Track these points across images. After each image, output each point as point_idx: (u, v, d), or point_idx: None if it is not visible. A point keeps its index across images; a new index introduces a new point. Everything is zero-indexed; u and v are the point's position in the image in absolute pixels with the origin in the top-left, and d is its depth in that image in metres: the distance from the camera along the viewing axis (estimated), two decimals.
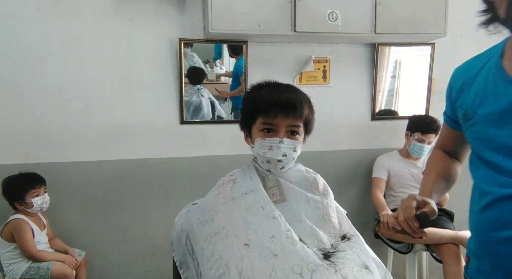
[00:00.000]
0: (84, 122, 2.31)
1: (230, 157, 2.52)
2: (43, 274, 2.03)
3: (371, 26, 2.33)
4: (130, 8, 2.30)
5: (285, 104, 1.05)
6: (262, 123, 1.08)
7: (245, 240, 0.97)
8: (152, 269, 2.51)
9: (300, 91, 1.12)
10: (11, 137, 2.22)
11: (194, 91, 2.44)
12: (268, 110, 1.05)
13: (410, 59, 2.70)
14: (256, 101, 1.10)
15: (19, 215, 2.06)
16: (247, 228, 0.99)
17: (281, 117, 1.05)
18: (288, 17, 2.23)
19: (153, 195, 2.46)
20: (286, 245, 0.94)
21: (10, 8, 2.15)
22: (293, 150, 1.08)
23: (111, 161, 2.37)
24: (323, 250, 1.00)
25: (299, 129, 1.09)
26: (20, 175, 2.08)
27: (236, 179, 1.12)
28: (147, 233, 2.48)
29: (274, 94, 1.07)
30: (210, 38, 2.36)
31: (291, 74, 2.55)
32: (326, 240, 1.03)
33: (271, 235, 0.96)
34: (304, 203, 1.07)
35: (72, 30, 2.24)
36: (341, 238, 1.06)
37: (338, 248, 1.02)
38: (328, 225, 1.07)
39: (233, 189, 1.09)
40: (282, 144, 1.05)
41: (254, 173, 1.11)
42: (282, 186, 1.09)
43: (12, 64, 2.18)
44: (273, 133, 1.07)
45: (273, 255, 0.93)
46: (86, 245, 2.34)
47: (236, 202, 1.05)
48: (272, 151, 1.06)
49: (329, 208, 1.10)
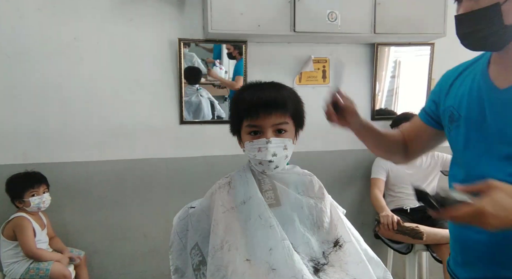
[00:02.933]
0: (84, 122, 2.31)
1: (229, 157, 2.52)
2: (43, 275, 2.04)
3: (370, 26, 2.33)
4: (130, 8, 2.30)
5: (266, 103, 1.03)
6: (247, 126, 1.06)
7: (246, 255, 0.98)
8: (152, 269, 2.51)
9: (283, 87, 1.10)
10: (11, 137, 2.23)
11: (193, 91, 2.45)
12: (250, 111, 1.04)
13: (409, 59, 2.70)
14: (239, 104, 1.08)
15: (21, 213, 2.08)
16: (247, 242, 1.00)
17: (263, 117, 1.03)
18: (287, 17, 2.23)
19: (153, 195, 2.46)
20: (284, 257, 0.95)
21: (10, 8, 2.16)
22: (283, 148, 1.06)
23: (111, 161, 2.37)
24: (314, 260, 1.00)
25: (286, 125, 1.06)
26: (22, 174, 2.11)
27: (232, 182, 1.11)
28: (147, 233, 2.48)
29: (254, 94, 1.05)
30: (210, 38, 2.36)
31: (291, 74, 2.55)
32: (317, 248, 1.03)
33: (269, 248, 0.97)
34: (298, 209, 1.06)
35: (72, 30, 2.24)
36: (333, 243, 1.05)
37: (328, 259, 1.01)
38: (321, 231, 1.06)
39: (231, 195, 1.09)
40: (270, 144, 1.03)
41: (250, 176, 1.10)
42: (278, 189, 1.08)
43: (12, 64, 2.19)
44: (260, 135, 1.05)
45: (271, 270, 0.94)
46: (86, 245, 2.35)
47: (236, 212, 1.05)
48: (261, 152, 1.04)
49: (323, 213, 1.08)
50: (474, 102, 0.92)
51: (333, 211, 1.11)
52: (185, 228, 1.15)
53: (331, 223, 1.08)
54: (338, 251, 1.03)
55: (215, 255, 1.01)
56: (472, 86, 0.94)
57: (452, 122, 0.98)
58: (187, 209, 1.19)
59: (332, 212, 1.11)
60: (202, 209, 1.13)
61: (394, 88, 2.71)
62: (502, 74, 0.89)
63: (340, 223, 1.09)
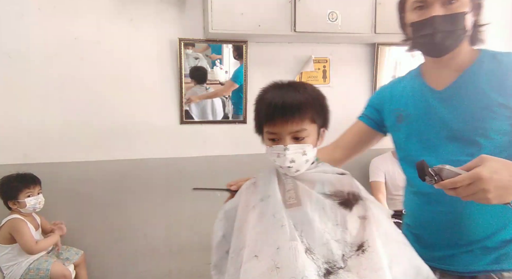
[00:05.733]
0: (84, 122, 2.31)
1: (230, 157, 2.53)
2: (43, 275, 2.03)
3: (371, 26, 2.33)
4: (130, 8, 2.30)
5: (283, 111, 1.01)
6: (266, 132, 1.06)
7: (255, 251, 0.98)
8: (152, 269, 2.51)
9: (304, 88, 1.07)
10: (11, 137, 2.23)
11: (203, 90, 2.44)
12: (268, 118, 1.03)
13: (410, 59, 2.70)
14: (259, 108, 1.08)
15: (15, 215, 2.06)
16: (258, 238, 1.00)
17: (280, 125, 1.02)
18: (288, 17, 2.23)
19: (153, 195, 2.46)
20: (288, 257, 0.94)
21: (10, 8, 2.16)
22: (301, 154, 1.04)
23: (111, 161, 2.37)
24: (330, 262, 0.97)
25: (305, 132, 1.04)
26: (16, 175, 2.09)
27: (256, 182, 1.13)
28: (147, 233, 2.48)
29: (272, 100, 1.03)
30: (210, 38, 2.36)
31: (291, 74, 2.55)
32: (337, 250, 0.98)
33: (277, 246, 0.96)
34: (318, 209, 1.02)
35: (72, 30, 2.24)
36: (357, 247, 0.98)
37: (347, 263, 0.96)
38: (345, 233, 1.00)
39: (253, 194, 1.10)
40: (287, 151, 1.02)
41: (273, 176, 1.10)
42: (299, 189, 1.06)
43: (12, 64, 2.19)
44: (278, 141, 1.05)
45: (276, 268, 0.93)
46: (86, 245, 2.34)
47: (255, 210, 1.06)
48: (279, 158, 1.04)
49: (349, 214, 1.02)
50: (420, 101, 1.13)
51: (368, 213, 1.04)
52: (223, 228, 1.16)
53: (361, 226, 1.02)
54: (360, 255, 0.97)
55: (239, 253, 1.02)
56: (414, 90, 1.17)
57: (401, 121, 1.18)
58: (223, 210, 1.19)
59: (366, 213, 1.04)
60: (231, 209, 1.15)
61: None
62: (436, 79, 1.11)
63: (371, 226, 1.01)
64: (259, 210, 1.05)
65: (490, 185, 0.81)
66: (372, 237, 0.99)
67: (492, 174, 0.81)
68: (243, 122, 2.53)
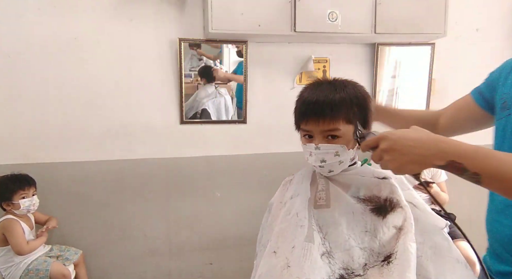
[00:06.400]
0: (84, 122, 2.31)
1: (229, 157, 2.52)
2: (42, 275, 2.03)
3: (371, 26, 2.33)
4: (130, 8, 2.30)
5: (315, 109, 0.99)
6: (301, 130, 1.06)
7: (274, 248, 0.98)
8: (152, 269, 2.51)
9: (343, 87, 1.03)
10: (11, 137, 2.22)
11: (212, 89, 2.44)
12: (302, 116, 1.03)
13: (409, 59, 2.70)
14: (296, 105, 1.08)
15: (9, 216, 2.05)
16: (280, 235, 1.00)
17: (313, 123, 1.01)
18: (288, 17, 2.23)
19: (153, 195, 2.46)
20: (298, 257, 0.92)
21: (10, 8, 2.15)
22: (334, 154, 1.01)
23: (111, 161, 2.37)
24: (349, 269, 0.92)
25: (338, 131, 1.00)
26: (10, 176, 2.07)
27: (293, 180, 1.13)
28: (147, 233, 2.48)
29: (308, 98, 1.02)
30: (210, 38, 2.36)
31: (291, 74, 2.55)
32: (359, 257, 0.94)
33: (293, 245, 0.95)
34: (347, 213, 0.98)
35: (72, 30, 2.24)
36: (384, 257, 0.93)
37: (367, 273, 0.91)
38: (373, 242, 0.95)
39: (287, 191, 1.11)
40: (318, 150, 1.01)
41: (308, 175, 1.10)
42: (330, 191, 1.03)
43: (12, 64, 2.18)
44: (311, 139, 1.03)
45: (287, 267, 0.92)
46: (85, 245, 2.34)
47: (284, 207, 1.07)
48: (311, 157, 1.02)
49: (380, 222, 0.96)
50: None
51: (406, 223, 0.95)
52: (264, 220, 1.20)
53: (394, 236, 0.94)
54: (384, 266, 0.91)
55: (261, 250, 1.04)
56: None
57: (504, 109, 0.95)
58: (269, 203, 1.21)
59: (404, 224, 0.95)
60: (271, 203, 1.17)
61: (394, 88, 2.71)
62: None
63: (407, 237, 0.93)
64: (286, 208, 1.05)
65: (389, 142, 0.78)
66: (403, 249, 0.91)
67: (392, 134, 0.78)
68: (243, 122, 2.53)
